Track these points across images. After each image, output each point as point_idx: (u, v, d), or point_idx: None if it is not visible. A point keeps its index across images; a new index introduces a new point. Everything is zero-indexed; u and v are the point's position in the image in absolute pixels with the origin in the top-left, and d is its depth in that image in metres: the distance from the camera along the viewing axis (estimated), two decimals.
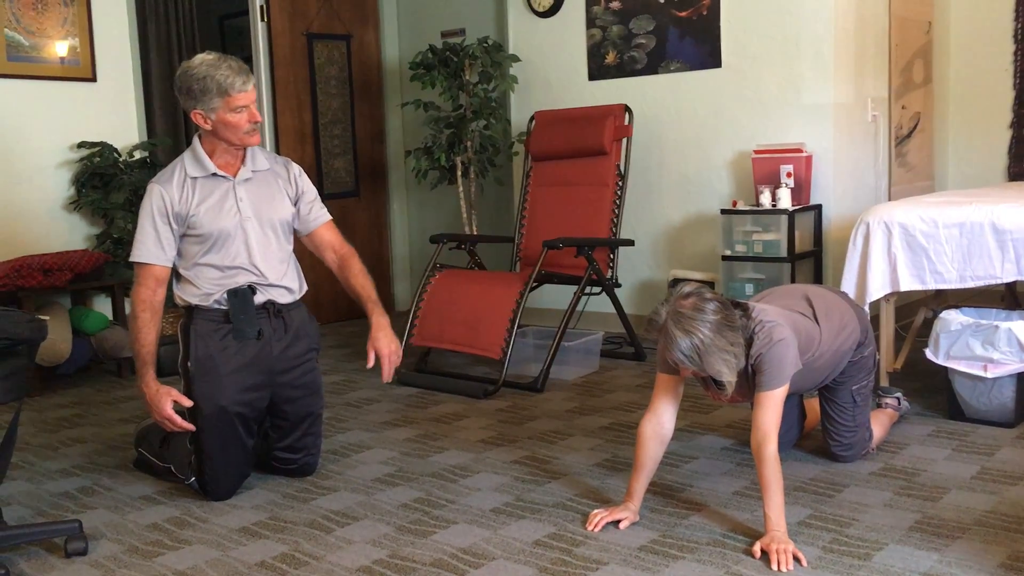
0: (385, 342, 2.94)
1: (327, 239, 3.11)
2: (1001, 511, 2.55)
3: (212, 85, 2.76)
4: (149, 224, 2.85)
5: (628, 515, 2.57)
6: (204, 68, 2.78)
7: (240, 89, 2.78)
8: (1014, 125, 5.08)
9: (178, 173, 2.88)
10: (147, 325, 2.85)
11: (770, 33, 4.57)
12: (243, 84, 2.79)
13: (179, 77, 2.84)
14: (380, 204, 6.27)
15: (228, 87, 2.76)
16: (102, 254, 4.79)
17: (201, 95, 2.78)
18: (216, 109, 2.79)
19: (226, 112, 2.80)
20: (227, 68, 2.78)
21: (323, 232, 3.11)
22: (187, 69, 2.82)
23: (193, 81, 2.78)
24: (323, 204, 3.14)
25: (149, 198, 2.86)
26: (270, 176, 2.99)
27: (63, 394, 4.40)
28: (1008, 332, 3.15)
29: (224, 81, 2.76)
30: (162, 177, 2.88)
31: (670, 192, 5.00)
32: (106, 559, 2.52)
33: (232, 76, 2.77)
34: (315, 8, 5.75)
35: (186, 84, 2.80)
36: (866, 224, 3.55)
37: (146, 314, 2.85)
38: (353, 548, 2.52)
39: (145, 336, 2.85)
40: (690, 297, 2.40)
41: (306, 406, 3.02)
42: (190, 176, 2.87)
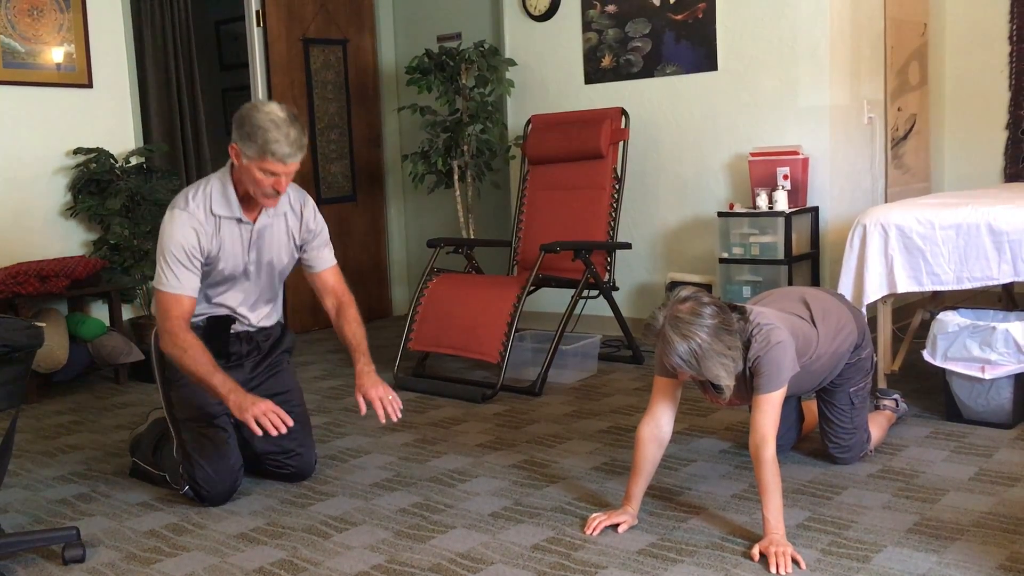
0: (370, 385, 2.85)
1: (330, 284, 3.07)
2: (999, 512, 2.55)
3: (259, 139, 2.65)
4: (181, 255, 2.74)
5: (627, 519, 2.57)
6: (264, 120, 2.66)
7: (280, 159, 2.67)
8: (1010, 126, 5.09)
9: (205, 207, 2.78)
10: (198, 347, 2.72)
11: (766, 36, 4.58)
12: (286, 157, 2.67)
13: (242, 109, 2.72)
14: (377, 209, 6.26)
15: (271, 152, 2.65)
16: (99, 260, 4.78)
17: (246, 138, 2.67)
18: (250, 158, 2.69)
19: (256, 168, 2.69)
20: (283, 135, 2.65)
21: (327, 276, 3.07)
22: (253, 109, 2.70)
23: (248, 122, 2.67)
24: (330, 245, 3.09)
25: (180, 229, 2.75)
26: (283, 221, 2.94)
27: (60, 401, 4.39)
28: (1005, 333, 3.16)
29: (271, 144, 2.64)
30: (191, 206, 2.78)
31: (667, 195, 5.01)
32: (104, 566, 2.51)
33: (281, 145, 2.65)
34: (311, 13, 5.76)
35: (241, 118, 2.70)
36: (863, 226, 3.56)
37: (189, 336, 2.73)
38: (351, 553, 2.51)
39: (205, 356, 2.72)
40: (687, 301, 2.40)
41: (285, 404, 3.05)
42: (215, 213, 2.79)
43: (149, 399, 4.33)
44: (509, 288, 4.23)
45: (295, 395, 3.15)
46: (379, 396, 2.84)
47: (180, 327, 2.73)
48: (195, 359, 2.71)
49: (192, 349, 2.72)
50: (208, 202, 2.79)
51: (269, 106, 2.70)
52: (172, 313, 2.74)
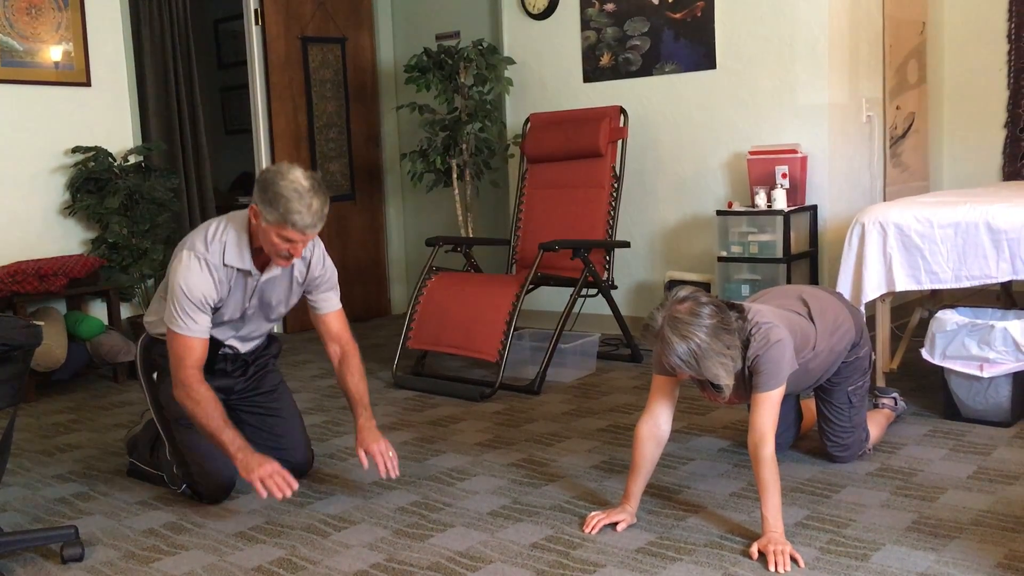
0: (372, 440, 2.85)
1: (334, 330, 3.02)
2: (998, 511, 2.56)
3: (281, 207, 2.59)
4: (197, 302, 2.70)
5: (625, 517, 2.57)
6: (288, 189, 2.59)
7: (299, 230, 2.63)
8: (1008, 125, 5.09)
9: (220, 256, 2.74)
10: (210, 400, 2.69)
11: (764, 34, 4.58)
12: (306, 228, 2.63)
13: (267, 173, 2.66)
14: (376, 207, 6.26)
15: (291, 221, 2.59)
16: (97, 259, 4.78)
17: (268, 203, 2.61)
18: (270, 223, 2.63)
19: (275, 233, 2.65)
20: (306, 206, 2.59)
21: (331, 321, 3.02)
22: (277, 176, 2.63)
23: (271, 188, 2.61)
24: (337, 289, 3.04)
25: (197, 277, 2.70)
26: (289, 269, 2.90)
27: (59, 400, 4.39)
28: (1004, 331, 3.16)
29: (293, 215, 2.59)
30: (210, 252, 2.73)
31: (666, 194, 5.01)
32: (102, 565, 2.51)
33: (303, 216, 2.60)
34: (310, 11, 5.75)
35: (265, 182, 2.64)
36: (861, 224, 3.56)
37: (202, 388, 2.70)
38: (350, 552, 2.52)
39: (217, 409, 2.70)
40: (686, 302, 2.40)
41: (272, 401, 3.11)
42: (227, 264, 2.75)
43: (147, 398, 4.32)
44: (508, 287, 4.23)
45: (283, 393, 3.17)
46: (380, 451, 2.83)
47: (194, 378, 2.71)
48: (207, 413, 2.69)
49: (205, 402, 2.69)
50: (223, 250, 2.75)
51: (294, 173, 2.63)
52: (187, 361, 2.71)
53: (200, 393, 2.70)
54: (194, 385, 2.71)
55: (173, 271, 2.75)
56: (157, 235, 4.99)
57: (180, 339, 2.73)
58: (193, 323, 2.72)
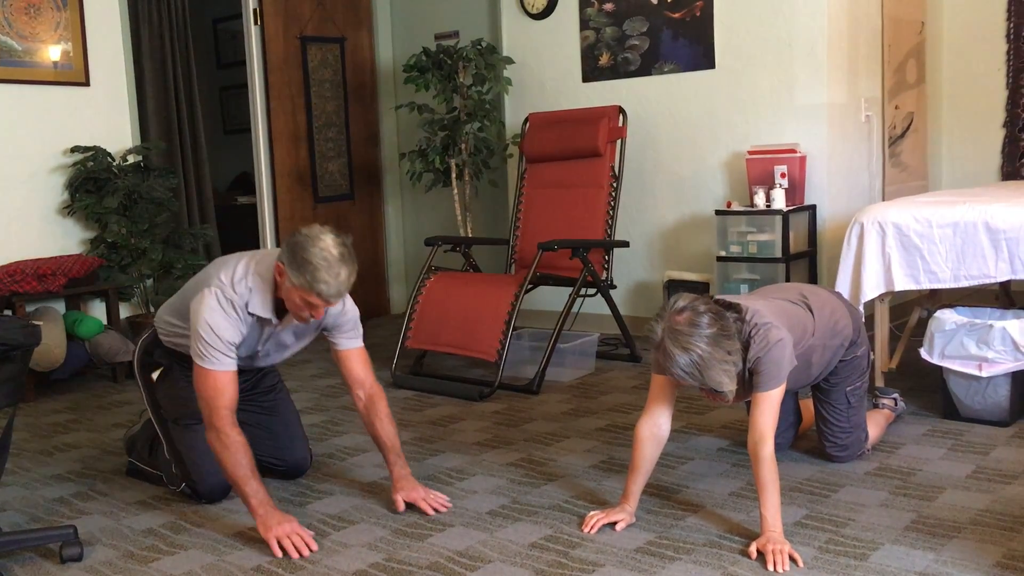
0: (411, 488, 2.81)
1: (357, 374, 2.91)
2: (996, 510, 2.56)
3: (309, 274, 2.53)
4: (226, 344, 2.64)
5: (624, 517, 2.57)
6: (317, 257, 2.53)
7: (324, 298, 2.58)
8: (1007, 125, 5.10)
9: (244, 302, 2.68)
10: (240, 448, 2.62)
11: (763, 34, 4.58)
12: (331, 297, 2.58)
13: (298, 236, 2.59)
14: (375, 207, 6.26)
15: (316, 290, 2.54)
16: (96, 259, 4.78)
17: (296, 267, 2.54)
18: (295, 286, 2.56)
19: (298, 295, 2.59)
20: (333, 276, 2.54)
21: (353, 362, 2.92)
22: (308, 242, 2.56)
23: (300, 252, 2.54)
24: (359, 328, 2.97)
25: (225, 322, 2.65)
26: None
27: (58, 399, 4.39)
28: (1002, 331, 3.16)
29: (319, 284, 2.53)
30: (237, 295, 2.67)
31: (664, 193, 5.01)
32: (101, 565, 2.51)
33: (329, 286, 2.54)
34: (308, 11, 5.75)
35: (295, 246, 2.56)
36: (860, 224, 3.56)
37: (234, 433, 2.62)
38: (349, 552, 2.52)
39: (246, 458, 2.62)
40: (684, 312, 2.38)
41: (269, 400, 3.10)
42: (251, 312, 2.70)
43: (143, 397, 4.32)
44: (507, 286, 4.23)
45: (281, 392, 3.17)
46: (422, 497, 2.78)
47: (227, 423, 2.64)
48: (236, 461, 2.61)
49: (235, 449, 2.62)
50: (247, 297, 2.69)
51: (325, 240, 2.56)
52: (220, 403, 2.64)
53: (232, 439, 2.62)
54: (226, 430, 2.62)
55: (197, 311, 2.65)
56: (156, 235, 4.99)
57: (211, 376, 2.64)
58: (225, 358, 2.65)
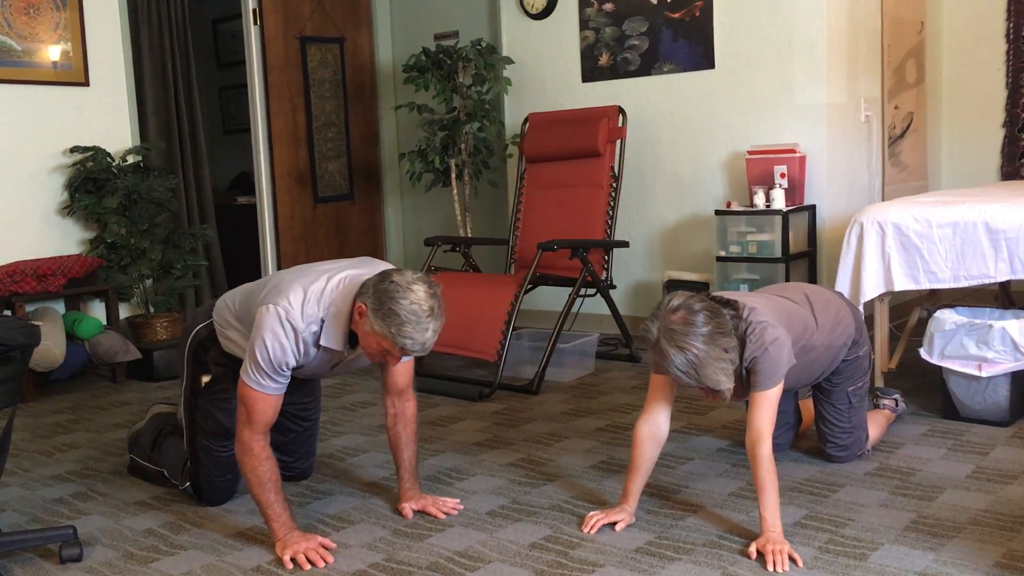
0: (419, 497, 2.79)
1: (400, 384, 2.82)
2: (996, 510, 2.56)
3: (392, 327, 2.40)
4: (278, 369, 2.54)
5: (624, 517, 2.57)
6: (407, 310, 2.39)
7: (403, 351, 2.46)
8: (1007, 124, 5.10)
9: (311, 331, 2.55)
10: (269, 465, 2.56)
11: (763, 34, 4.58)
12: (414, 353, 2.49)
13: (391, 285, 2.43)
14: (374, 207, 6.26)
15: (400, 344, 2.42)
16: (96, 259, 4.78)
17: (381, 315, 2.41)
18: (375, 332, 2.43)
19: (376, 342, 2.46)
20: (420, 331, 2.41)
21: (403, 372, 2.82)
22: (399, 290, 2.41)
23: (388, 301, 2.40)
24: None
25: (285, 346, 2.52)
26: None
27: (57, 399, 4.39)
28: (1002, 331, 3.16)
29: (404, 339, 2.40)
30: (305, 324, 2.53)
31: (664, 193, 5.01)
32: (101, 565, 2.51)
33: (414, 342, 2.41)
34: (308, 11, 5.75)
35: (384, 293, 2.42)
36: (860, 224, 3.56)
37: (265, 452, 2.56)
38: (349, 552, 2.51)
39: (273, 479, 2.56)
40: (679, 311, 2.37)
41: (303, 409, 3.05)
42: (319, 344, 2.58)
43: (146, 397, 4.32)
44: (506, 286, 4.23)
45: (315, 404, 3.08)
46: (431, 504, 2.77)
47: (259, 443, 2.57)
48: (262, 482, 2.55)
49: (262, 470, 2.56)
50: (316, 329, 2.57)
51: (417, 292, 2.42)
52: (257, 421, 2.57)
53: (261, 459, 2.55)
54: (256, 450, 2.56)
55: (260, 326, 2.53)
56: (156, 235, 4.98)
57: (254, 395, 2.57)
58: (272, 383, 2.57)
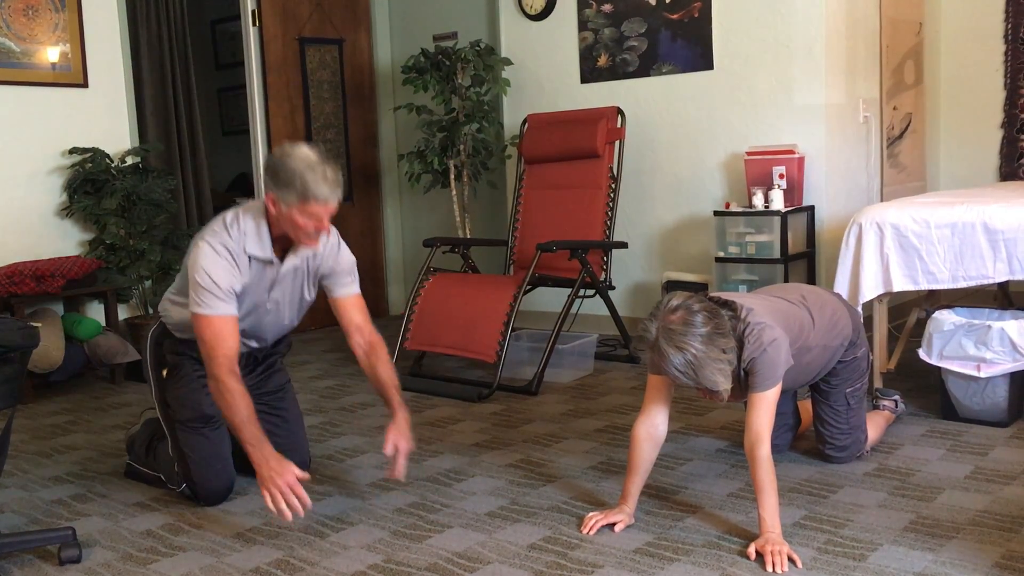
0: (405, 439, 2.82)
1: (356, 320, 2.94)
2: (995, 511, 2.56)
3: (297, 184, 2.56)
4: (223, 290, 2.65)
5: (623, 518, 2.57)
6: (299, 165, 2.58)
7: (322, 201, 2.60)
8: (1005, 125, 5.10)
9: (240, 244, 2.70)
10: (247, 395, 2.65)
11: (761, 35, 4.59)
12: (327, 196, 2.60)
13: (273, 157, 2.65)
14: (373, 208, 6.26)
15: (312, 195, 2.57)
16: (95, 260, 4.78)
17: (284, 185, 2.58)
18: (290, 205, 2.59)
19: (297, 213, 2.61)
20: (321, 176, 2.57)
21: (351, 308, 2.95)
22: (284, 155, 2.62)
23: (282, 169, 2.59)
24: (355, 275, 3.01)
25: (221, 265, 2.65)
26: (306, 260, 2.87)
27: (56, 401, 4.39)
28: (1001, 332, 3.16)
29: (310, 187, 2.56)
30: (232, 239, 2.69)
31: (663, 194, 5.01)
32: (100, 566, 2.51)
33: (320, 185, 2.58)
34: (307, 12, 5.75)
35: (275, 166, 2.62)
36: (858, 225, 3.56)
37: (233, 382, 2.63)
38: (348, 553, 2.51)
39: (251, 406, 2.65)
40: (678, 311, 2.38)
41: (277, 400, 3.09)
42: (248, 253, 2.71)
43: (145, 399, 4.32)
44: (505, 287, 4.23)
45: (288, 394, 3.17)
46: (407, 451, 2.81)
47: (226, 371, 2.64)
48: (234, 410, 2.62)
49: (233, 397, 2.63)
50: (243, 240, 2.71)
51: (300, 149, 2.62)
52: (219, 351, 2.64)
53: (230, 387, 2.63)
54: (225, 379, 2.63)
55: (193, 262, 2.68)
56: (155, 236, 4.98)
57: (209, 322, 2.64)
58: (220, 302, 2.65)
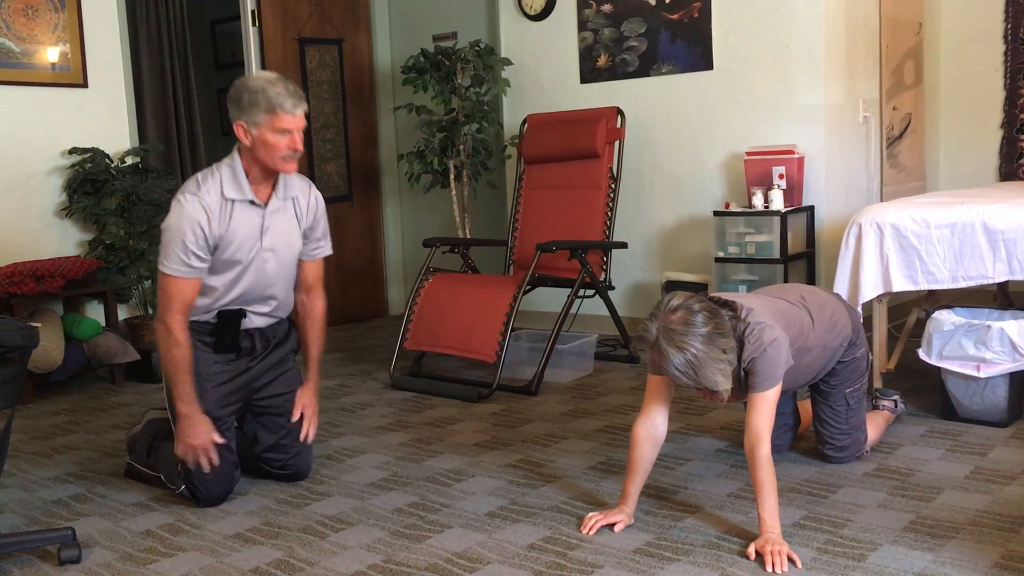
0: (311, 404, 3.07)
1: (308, 280, 3.06)
2: (995, 511, 2.56)
3: (262, 100, 2.68)
4: (190, 238, 2.73)
5: (623, 518, 2.57)
6: (260, 83, 2.71)
7: (289, 111, 2.70)
8: (1005, 125, 5.10)
9: (215, 191, 2.78)
10: (187, 352, 2.78)
11: (761, 35, 4.59)
12: (293, 107, 2.70)
13: (233, 87, 2.76)
14: (373, 208, 6.26)
15: (277, 105, 2.68)
16: (94, 260, 4.77)
17: (249, 107, 2.69)
18: (259, 125, 2.70)
19: (269, 131, 2.71)
20: (282, 88, 2.70)
21: (310, 270, 3.06)
22: (243, 81, 2.75)
23: (245, 92, 2.70)
24: (328, 239, 3.10)
25: (190, 211, 2.73)
26: (292, 204, 2.94)
27: (56, 401, 4.39)
28: (1000, 332, 3.16)
29: (275, 99, 2.68)
30: (199, 191, 2.77)
31: (663, 194, 5.01)
32: (100, 567, 2.51)
33: (284, 97, 2.69)
34: (307, 13, 5.75)
35: (237, 94, 2.73)
36: (858, 225, 3.56)
37: (185, 340, 2.77)
38: (348, 553, 2.51)
39: (188, 364, 2.78)
40: (678, 311, 2.38)
41: (288, 403, 3.08)
42: (227, 197, 2.78)
43: (145, 399, 4.32)
44: (505, 287, 4.23)
45: (293, 398, 3.13)
46: (313, 414, 3.05)
47: (176, 324, 2.75)
48: (174, 361, 2.77)
49: (178, 349, 2.76)
50: (220, 186, 2.79)
51: (257, 73, 2.82)
52: (174, 304, 2.76)
53: (176, 339, 2.76)
54: (175, 330, 2.76)
55: (168, 217, 2.78)
56: (154, 236, 4.98)
57: (168, 280, 2.76)
58: (183, 265, 2.74)
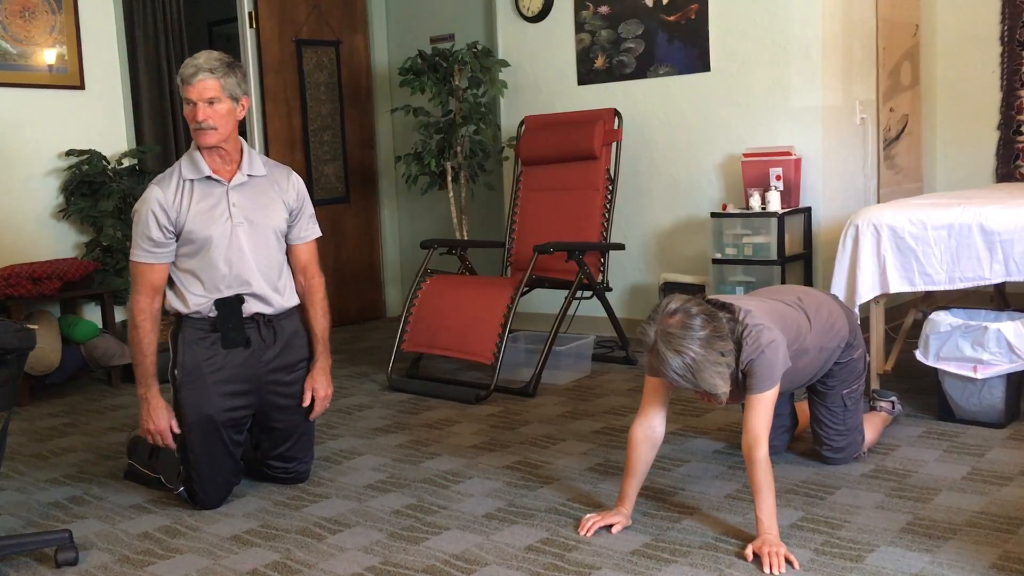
0: (323, 384, 3.04)
1: (303, 260, 3.09)
2: (992, 512, 2.56)
3: (178, 74, 2.84)
4: (151, 222, 2.83)
5: (620, 519, 2.57)
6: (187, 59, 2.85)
7: (187, 82, 2.80)
8: (1001, 127, 5.11)
9: (175, 175, 2.89)
10: (149, 334, 2.85)
11: (758, 36, 4.59)
12: (190, 77, 2.80)
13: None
14: (370, 210, 6.26)
15: (182, 78, 2.81)
16: (91, 262, 4.77)
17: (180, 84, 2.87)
18: (183, 99, 2.85)
19: (184, 106, 2.86)
20: (191, 62, 2.81)
21: (302, 252, 3.09)
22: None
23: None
24: (315, 217, 3.14)
25: (145, 200, 2.87)
26: (266, 183, 2.98)
27: (53, 403, 4.38)
28: (997, 333, 3.17)
29: (183, 72, 2.82)
30: (161, 179, 2.91)
31: (660, 196, 5.01)
32: (97, 569, 2.51)
33: (188, 68, 2.81)
34: (304, 14, 5.75)
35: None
36: (855, 226, 3.56)
37: (147, 323, 2.85)
38: (345, 555, 2.51)
39: (148, 346, 2.86)
40: (676, 314, 2.39)
41: (298, 414, 3.02)
42: (185, 178, 2.87)
43: None
44: (503, 289, 4.23)
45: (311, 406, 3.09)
46: (324, 397, 3.03)
47: (139, 306, 2.84)
48: (140, 345, 2.84)
49: (143, 334, 2.84)
50: (178, 171, 2.90)
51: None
52: (138, 287, 2.85)
53: (136, 322, 2.83)
54: (136, 313, 2.84)
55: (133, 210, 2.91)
56: None
57: (134, 266, 2.87)
58: (143, 251, 2.84)
